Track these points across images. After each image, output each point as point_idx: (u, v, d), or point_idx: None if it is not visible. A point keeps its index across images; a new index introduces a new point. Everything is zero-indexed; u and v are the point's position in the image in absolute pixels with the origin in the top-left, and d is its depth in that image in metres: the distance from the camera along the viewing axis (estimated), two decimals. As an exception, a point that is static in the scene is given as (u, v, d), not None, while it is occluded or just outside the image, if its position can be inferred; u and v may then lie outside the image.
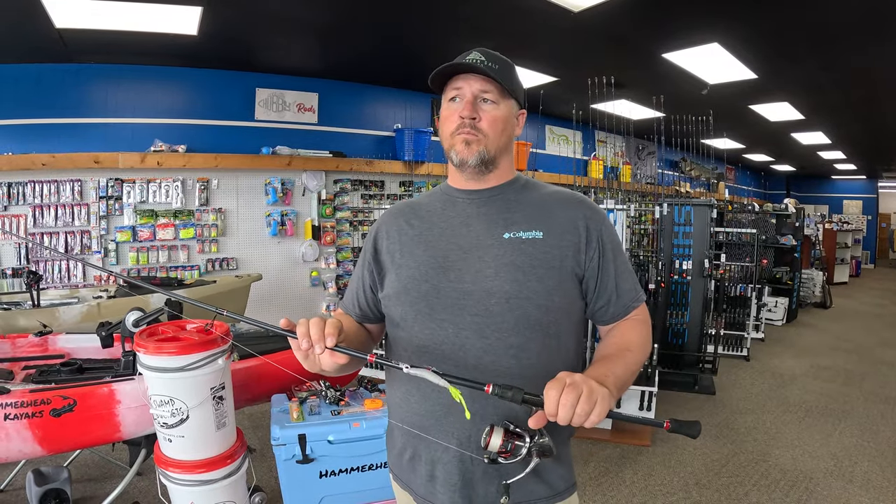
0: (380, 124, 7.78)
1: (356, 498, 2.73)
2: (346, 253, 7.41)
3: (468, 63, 1.36)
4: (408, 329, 1.40)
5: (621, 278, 1.42)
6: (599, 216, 1.44)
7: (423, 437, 1.36)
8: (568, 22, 4.88)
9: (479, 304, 1.32)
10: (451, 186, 1.51)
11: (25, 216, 5.54)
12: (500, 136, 1.40)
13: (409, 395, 1.40)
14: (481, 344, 1.31)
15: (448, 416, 1.33)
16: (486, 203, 1.44)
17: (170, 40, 5.27)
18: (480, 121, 1.37)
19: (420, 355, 1.35)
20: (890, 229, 20.05)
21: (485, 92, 1.37)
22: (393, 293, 1.43)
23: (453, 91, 1.40)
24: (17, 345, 3.37)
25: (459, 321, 1.33)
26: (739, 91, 7.22)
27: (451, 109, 1.40)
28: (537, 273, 1.33)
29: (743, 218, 8.90)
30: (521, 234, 1.37)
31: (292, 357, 3.24)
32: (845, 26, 4.99)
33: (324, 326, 1.14)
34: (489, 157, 1.39)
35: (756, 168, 17.15)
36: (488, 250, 1.36)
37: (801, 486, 3.81)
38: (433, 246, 1.41)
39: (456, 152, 1.39)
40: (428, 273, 1.38)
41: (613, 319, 1.44)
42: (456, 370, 1.26)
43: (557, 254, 1.36)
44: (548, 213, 1.41)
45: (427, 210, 1.50)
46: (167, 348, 2.22)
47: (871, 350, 7.56)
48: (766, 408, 5.32)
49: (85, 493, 3.51)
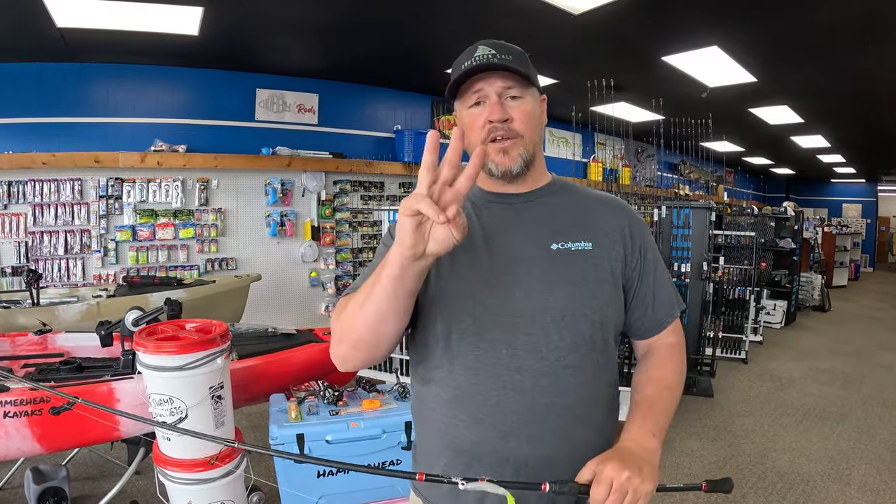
0: (380, 125, 7.80)
1: (353, 498, 2.73)
2: (346, 254, 7.42)
3: (486, 63, 1.22)
4: (452, 348, 1.25)
5: (659, 290, 1.37)
6: (641, 224, 1.37)
7: (473, 467, 1.23)
8: (568, 24, 4.90)
9: (533, 322, 1.22)
10: (483, 189, 1.37)
11: (25, 215, 5.55)
12: (535, 131, 1.29)
13: (455, 418, 1.26)
14: (539, 365, 1.21)
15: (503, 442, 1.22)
16: (525, 209, 1.32)
17: (171, 40, 5.29)
18: (513, 121, 1.24)
19: (470, 377, 1.23)
20: (889, 233, 20.05)
21: (508, 88, 1.25)
22: (432, 308, 1.26)
23: (474, 95, 1.26)
24: (17, 343, 3.38)
25: (513, 341, 1.21)
26: (739, 94, 7.25)
27: (474, 115, 1.26)
28: (590, 287, 1.25)
29: (742, 221, 8.92)
30: (569, 245, 1.27)
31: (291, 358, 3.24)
32: (845, 30, 5.01)
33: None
34: (530, 157, 1.28)
35: (755, 171, 17.19)
36: (537, 263, 1.25)
37: (799, 489, 3.82)
38: (474, 255, 1.26)
39: (495, 163, 1.26)
40: (473, 288, 1.24)
41: (647, 334, 1.39)
42: (514, 394, 1.21)
43: (607, 266, 1.28)
44: (593, 221, 1.32)
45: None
46: (167, 347, 2.23)
47: (870, 353, 7.56)
48: (764, 410, 5.32)
49: (83, 492, 3.51)
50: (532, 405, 1.21)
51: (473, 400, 1.23)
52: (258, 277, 5.84)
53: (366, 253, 7.55)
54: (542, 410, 1.21)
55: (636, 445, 1.17)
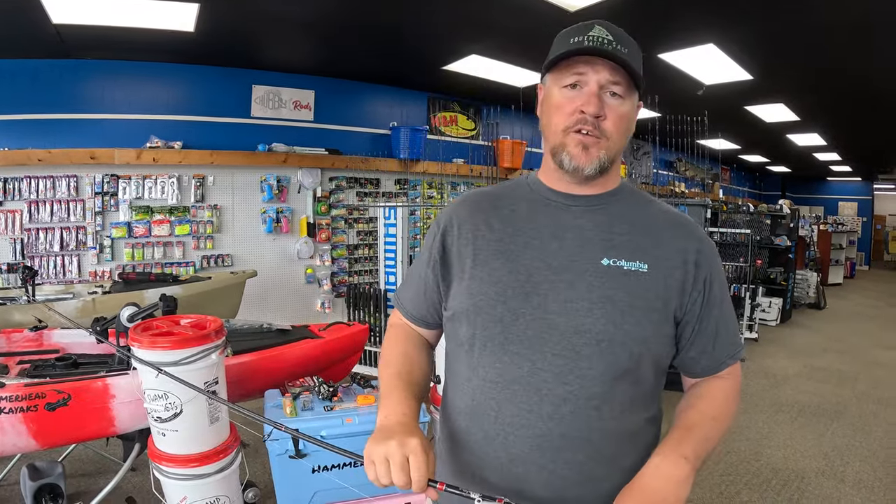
0: (376, 122, 7.79)
1: (348, 493, 2.73)
2: (342, 250, 7.43)
3: (599, 48, 1.10)
4: (475, 356, 1.18)
5: (722, 327, 1.22)
6: (712, 250, 1.23)
7: (478, 485, 1.15)
8: (564, 21, 4.88)
9: (564, 341, 1.11)
10: (543, 184, 1.26)
11: (21, 212, 5.54)
12: (623, 138, 1.17)
13: (467, 431, 1.21)
14: (561, 391, 1.10)
15: (510, 467, 1.15)
16: (585, 214, 1.20)
17: (167, 37, 5.28)
18: (605, 119, 1.13)
19: (487, 390, 1.16)
20: (885, 231, 20.10)
21: (613, 84, 1.13)
22: (461, 310, 1.20)
23: (574, 76, 1.14)
24: (12, 339, 3.37)
25: (538, 359, 1.11)
26: (735, 92, 7.25)
27: (566, 97, 1.15)
28: (636, 315, 1.12)
29: (738, 218, 8.93)
30: (622, 264, 1.14)
31: (286, 354, 3.23)
32: (841, 28, 5.01)
33: (407, 470, 0.99)
34: (609, 163, 1.16)
35: (751, 169, 17.21)
36: (582, 277, 1.13)
37: (793, 486, 3.83)
38: (515, 259, 1.17)
39: (570, 156, 1.15)
40: (506, 293, 1.15)
41: (703, 374, 1.26)
42: (529, 416, 1.11)
43: (662, 293, 1.14)
44: (655, 240, 1.18)
45: (511, 209, 1.25)
46: (161, 343, 2.23)
47: (865, 351, 7.59)
48: (759, 407, 5.34)
49: (79, 488, 3.52)
50: (547, 433, 1.11)
51: (486, 415, 1.16)
52: (254, 274, 5.84)
53: (361, 249, 7.56)
54: (557, 440, 1.11)
55: (661, 476, 1.04)
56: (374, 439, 1.04)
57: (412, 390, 1.20)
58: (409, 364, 1.28)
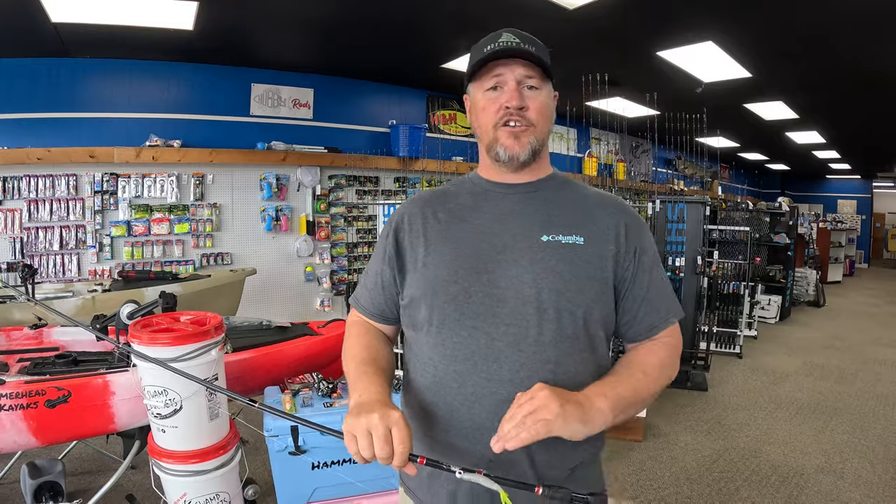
0: (375, 120, 7.80)
1: (348, 489, 2.74)
2: (341, 248, 7.43)
3: (510, 48, 1.24)
4: (433, 335, 1.27)
5: (653, 294, 1.31)
6: (640, 224, 1.34)
7: (448, 458, 1.16)
8: (563, 19, 4.90)
9: (514, 312, 1.21)
10: (483, 178, 1.39)
11: (20, 211, 5.54)
12: (547, 123, 1.31)
13: (433, 405, 1.28)
14: (517, 357, 1.19)
15: (476, 435, 1.22)
16: (523, 199, 1.33)
17: (166, 35, 5.28)
18: (528, 109, 1.26)
19: (448, 364, 1.24)
20: (884, 229, 20.12)
21: (528, 77, 1.26)
22: (418, 294, 1.29)
23: (493, 79, 1.27)
24: (12, 337, 3.38)
25: (493, 331, 1.21)
26: (734, 90, 7.25)
27: (489, 99, 1.28)
28: (577, 283, 1.22)
29: (737, 216, 8.93)
30: (560, 238, 1.25)
31: (285, 350, 3.23)
32: (840, 26, 5.02)
33: (391, 442, 1.03)
34: (539, 148, 1.29)
35: (750, 167, 17.20)
36: (525, 253, 1.24)
37: (792, 482, 3.84)
38: (463, 243, 1.29)
39: (504, 147, 1.27)
40: (458, 273, 1.25)
41: (636, 338, 1.33)
42: (489, 384, 1.20)
43: (598, 263, 1.25)
44: (589, 217, 1.30)
45: (456, 202, 1.37)
46: (161, 339, 2.24)
47: (864, 348, 7.60)
48: (758, 404, 5.35)
49: (79, 486, 3.52)
50: (507, 397, 1.15)
51: (449, 388, 1.24)
52: (253, 271, 5.84)
53: (361, 247, 7.55)
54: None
55: (580, 393, 1.13)
56: (353, 414, 1.07)
57: (381, 375, 1.27)
58: (373, 352, 1.35)
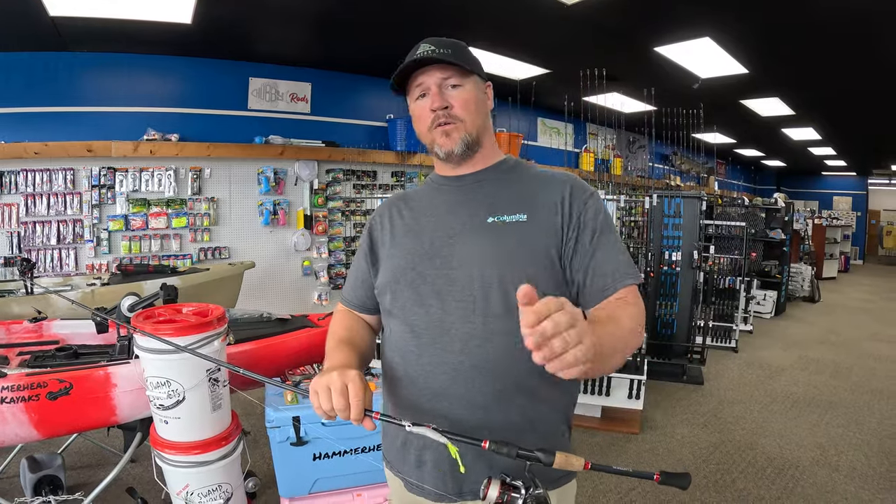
0: (372, 114, 7.78)
1: (349, 480, 2.76)
2: (339, 242, 7.44)
3: (422, 57, 1.36)
4: (397, 316, 1.41)
5: (602, 257, 1.31)
6: (583, 193, 1.37)
7: (414, 419, 1.25)
8: (561, 14, 4.91)
9: (463, 290, 1.32)
10: (438, 175, 1.52)
11: (17, 205, 5.53)
12: (476, 115, 1.40)
13: (398, 380, 1.40)
14: (467, 329, 1.30)
15: (435, 401, 1.33)
16: (472, 188, 1.44)
17: (164, 29, 5.26)
18: (453, 107, 1.37)
19: (409, 340, 1.37)
20: (879, 226, 20.18)
21: (446, 78, 1.37)
22: (384, 282, 1.44)
23: (417, 89, 1.40)
24: (12, 331, 3.38)
25: (445, 307, 1.33)
26: (731, 86, 7.28)
27: (420, 107, 1.41)
28: (521, 257, 1.31)
29: (733, 211, 8.96)
30: (504, 218, 1.35)
31: (286, 342, 3.23)
32: (837, 23, 5.04)
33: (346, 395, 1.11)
34: (472, 140, 1.39)
35: (747, 163, 17.23)
36: (470, 235, 1.36)
37: (788, 474, 3.88)
38: (420, 234, 1.42)
39: (439, 146, 1.40)
40: (414, 261, 1.39)
41: (594, 302, 1.31)
42: (443, 354, 1.31)
43: (542, 237, 1.32)
44: (532, 195, 1.38)
45: (417, 200, 1.52)
46: (164, 330, 2.24)
47: (859, 343, 7.65)
48: (754, 398, 5.39)
49: (79, 480, 3.53)
50: (458, 365, 1.29)
51: (409, 361, 1.37)
52: (252, 265, 5.84)
53: (358, 242, 7.53)
54: (468, 372, 1.29)
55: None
56: (317, 376, 1.18)
57: (353, 350, 1.41)
58: (350, 332, 1.50)
